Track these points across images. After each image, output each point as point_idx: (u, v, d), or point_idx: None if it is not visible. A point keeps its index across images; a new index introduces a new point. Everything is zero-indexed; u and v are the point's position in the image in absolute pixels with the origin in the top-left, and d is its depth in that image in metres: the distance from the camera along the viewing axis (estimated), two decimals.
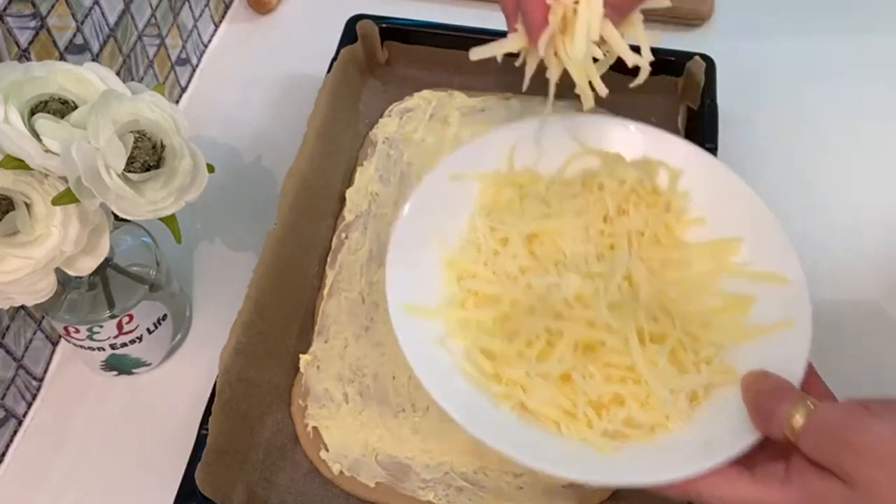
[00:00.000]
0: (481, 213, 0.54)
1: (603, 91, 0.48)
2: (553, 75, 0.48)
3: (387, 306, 0.47)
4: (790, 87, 0.79)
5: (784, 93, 0.78)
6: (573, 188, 0.54)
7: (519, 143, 0.56)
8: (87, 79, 0.48)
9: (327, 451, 0.56)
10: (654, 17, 0.84)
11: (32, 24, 0.56)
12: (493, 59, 0.74)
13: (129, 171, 0.47)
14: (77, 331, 0.56)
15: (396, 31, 0.75)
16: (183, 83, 0.79)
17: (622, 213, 0.53)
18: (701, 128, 0.68)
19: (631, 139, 0.56)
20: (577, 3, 0.44)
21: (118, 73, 0.63)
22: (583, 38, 0.44)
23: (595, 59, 0.47)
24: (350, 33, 0.73)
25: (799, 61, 0.81)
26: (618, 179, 0.54)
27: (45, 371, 0.62)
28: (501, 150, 0.55)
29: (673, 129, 0.72)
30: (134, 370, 0.62)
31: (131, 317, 0.57)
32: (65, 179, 0.46)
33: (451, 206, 0.53)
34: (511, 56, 0.50)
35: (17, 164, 0.45)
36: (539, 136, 0.55)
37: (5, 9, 0.52)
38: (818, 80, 0.79)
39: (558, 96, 0.76)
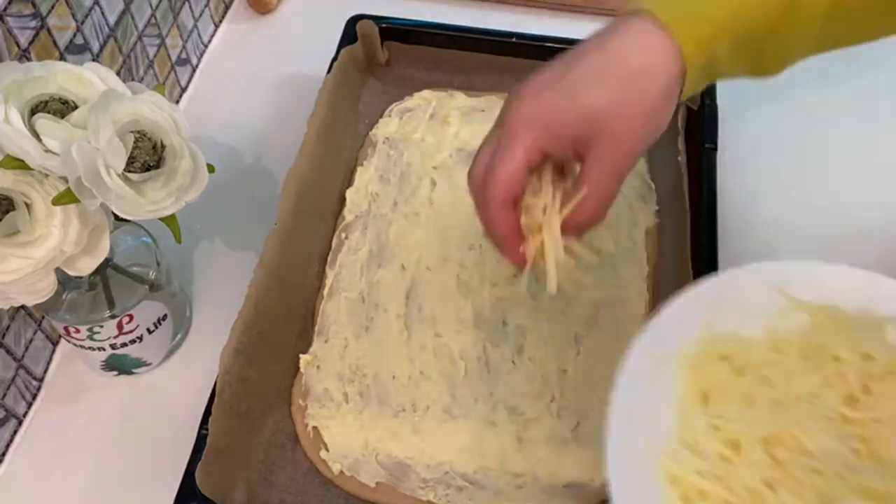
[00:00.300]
0: (694, 404, 0.43)
1: (579, 286, 0.51)
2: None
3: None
4: (789, 87, 0.79)
5: (783, 93, 0.78)
6: (792, 360, 0.45)
7: (712, 303, 0.47)
8: (87, 79, 0.48)
9: (327, 450, 0.56)
10: None
11: (32, 24, 0.56)
12: (493, 59, 0.74)
13: (129, 171, 0.47)
14: (77, 331, 0.56)
15: (396, 31, 0.75)
16: (183, 83, 0.79)
17: (866, 391, 0.43)
18: (701, 128, 0.68)
19: (827, 282, 0.46)
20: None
21: (118, 73, 0.63)
22: (553, 280, 0.47)
23: None
24: (350, 33, 0.73)
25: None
26: (859, 352, 0.44)
27: (45, 371, 0.62)
28: (695, 315, 0.46)
29: (673, 129, 0.72)
30: (134, 370, 0.62)
31: (131, 317, 0.57)
32: (65, 179, 0.46)
33: (653, 396, 0.44)
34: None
35: (18, 164, 0.45)
36: (727, 289, 0.47)
37: (5, 9, 0.52)
38: (817, 80, 0.79)
39: None
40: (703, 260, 0.60)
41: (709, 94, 0.70)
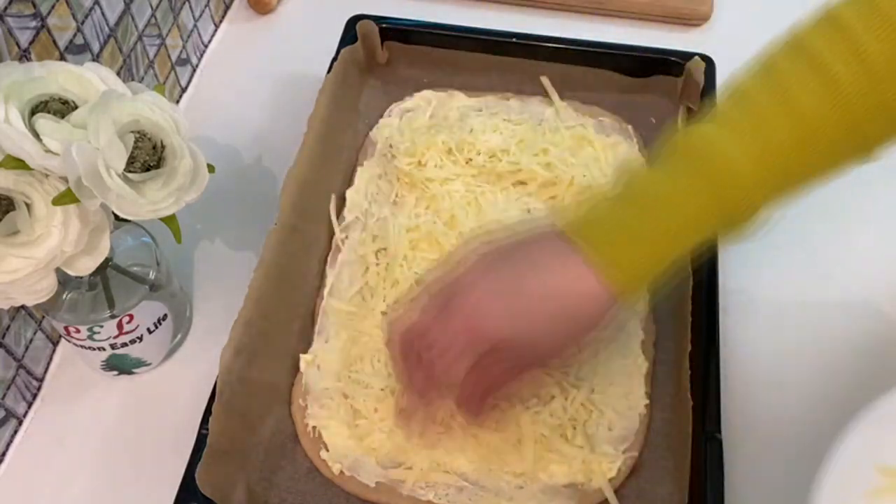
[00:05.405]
0: None
1: None
2: None
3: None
4: None
5: None
6: None
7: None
8: (87, 79, 0.48)
9: (327, 450, 0.56)
10: (654, 17, 0.84)
11: (33, 24, 0.56)
12: (493, 59, 0.74)
13: (130, 171, 0.47)
14: (77, 331, 0.56)
15: (396, 31, 0.75)
16: (183, 83, 0.79)
17: None
18: None
19: None
20: None
21: (118, 73, 0.63)
22: None
23: None
24: (350, 33, 0.73)
25: None
26: None
27: (46, 371, 0.62)
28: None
29: (673, 130, 0.72)
30: (134, 370, 0.62)
31: (131, 317, 0.57)
32: (65, 179, 0.46)
33: None
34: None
35: (18, 164, 0.45)
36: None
37: (5, 9, 0.52)
38: None
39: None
40: (703, 259, 0.60)
41: (709, 94, 0.70)
